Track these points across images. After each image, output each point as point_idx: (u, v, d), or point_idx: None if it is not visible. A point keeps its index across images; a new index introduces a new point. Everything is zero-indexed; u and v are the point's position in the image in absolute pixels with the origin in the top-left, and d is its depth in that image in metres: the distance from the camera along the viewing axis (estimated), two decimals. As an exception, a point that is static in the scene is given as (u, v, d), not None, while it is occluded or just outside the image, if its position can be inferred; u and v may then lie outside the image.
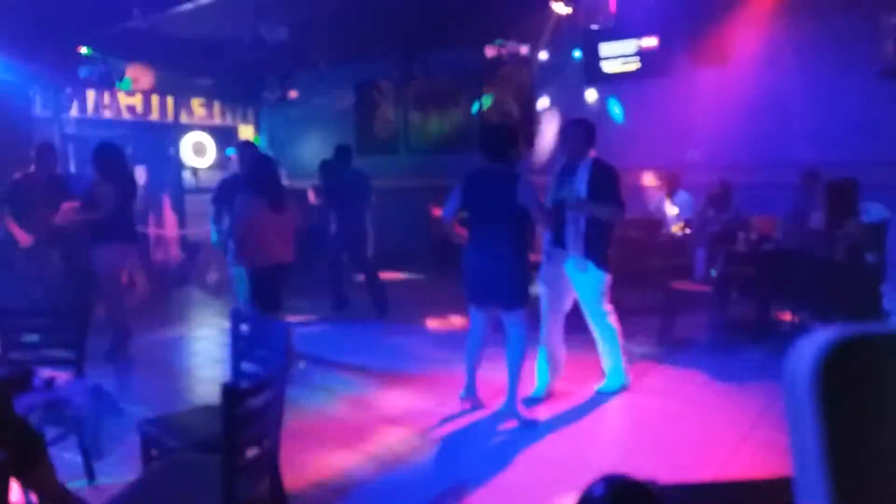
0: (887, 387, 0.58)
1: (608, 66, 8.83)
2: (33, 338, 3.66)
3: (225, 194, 6.01)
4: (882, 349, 0.59)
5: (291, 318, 5.97)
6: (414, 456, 3.95)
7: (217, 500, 2.34)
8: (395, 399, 4.94)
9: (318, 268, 7.93)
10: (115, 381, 5.29)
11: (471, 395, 4.60)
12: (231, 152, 11.40)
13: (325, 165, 7.83)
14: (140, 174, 11.03)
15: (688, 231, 7.37)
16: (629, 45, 8.63)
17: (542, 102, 9.85)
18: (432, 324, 7.28)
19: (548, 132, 9.60)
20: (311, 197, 8.02)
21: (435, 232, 10.09)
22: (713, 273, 6.54)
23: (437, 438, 4.20)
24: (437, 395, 4.95)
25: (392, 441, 4.16)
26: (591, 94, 9.30)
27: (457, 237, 4.49)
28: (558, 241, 4.64)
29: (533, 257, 4.82)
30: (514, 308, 4.35)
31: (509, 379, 4.42)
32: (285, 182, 7.05)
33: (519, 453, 3.98)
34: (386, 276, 8.12)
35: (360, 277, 7.78)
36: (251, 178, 5.25)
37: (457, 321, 6.99)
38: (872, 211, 6.46)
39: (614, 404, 4.66)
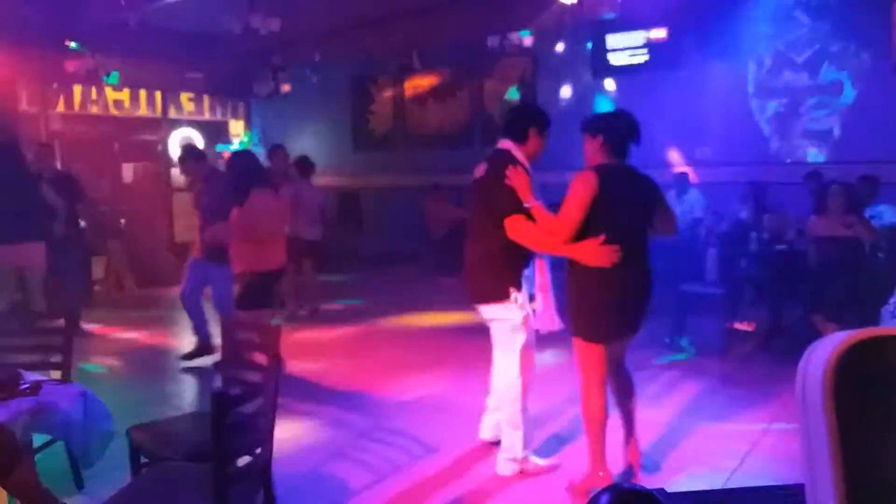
0: None
1: (615, 59, 8.62)
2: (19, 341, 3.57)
3: None
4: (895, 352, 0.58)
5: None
6: (412, 466, 3.79)
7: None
8: (393, 407, 4.76)
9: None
10: (104, 386, 5.11)
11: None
12: (221, 149, 11.18)
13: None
14: (127, 172, 10.81)
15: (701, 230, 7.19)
16: (637, 37, 8.43)
17: (544, 96, 9.63)
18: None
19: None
20: None
21: (435, 230, 9.87)
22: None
23: (436, 447, 4.01)
24: (436, 401, 4.82)
25: (389, 451, 3.99)
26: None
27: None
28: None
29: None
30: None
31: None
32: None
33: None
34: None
35: None
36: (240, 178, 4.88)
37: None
38: (886, 214, 6.34)
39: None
